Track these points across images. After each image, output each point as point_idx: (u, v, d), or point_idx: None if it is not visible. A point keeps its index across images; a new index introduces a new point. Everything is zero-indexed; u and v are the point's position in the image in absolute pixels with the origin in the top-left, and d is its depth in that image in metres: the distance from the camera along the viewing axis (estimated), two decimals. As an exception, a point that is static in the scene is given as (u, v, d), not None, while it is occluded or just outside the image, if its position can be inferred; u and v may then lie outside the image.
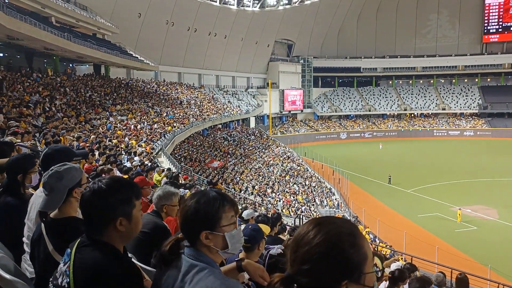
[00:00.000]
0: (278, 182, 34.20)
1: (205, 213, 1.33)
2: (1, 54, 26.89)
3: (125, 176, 6.81)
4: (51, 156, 2.54)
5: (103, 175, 7.37)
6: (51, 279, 1.50)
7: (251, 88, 63.19)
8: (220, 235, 1.35)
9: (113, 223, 1.43)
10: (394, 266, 5.09)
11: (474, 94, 69.22)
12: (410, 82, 74.90)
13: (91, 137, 14.53)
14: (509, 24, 70.06)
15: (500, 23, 70.78)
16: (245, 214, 5.65)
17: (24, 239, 2.28)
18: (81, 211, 1.48)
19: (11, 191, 2.67)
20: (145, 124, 23.96)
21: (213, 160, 33.37)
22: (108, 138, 16.02)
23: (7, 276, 1.76)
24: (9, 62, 24.10)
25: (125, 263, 1.44)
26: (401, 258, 15.64)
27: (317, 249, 0.97)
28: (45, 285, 1.62)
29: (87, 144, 12.16)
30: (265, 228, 3.60)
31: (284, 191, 32.13)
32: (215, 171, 31.05)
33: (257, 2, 56.30)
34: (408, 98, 71.19)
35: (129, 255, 1.64)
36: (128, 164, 11.16)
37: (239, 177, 32.21)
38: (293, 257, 1.00)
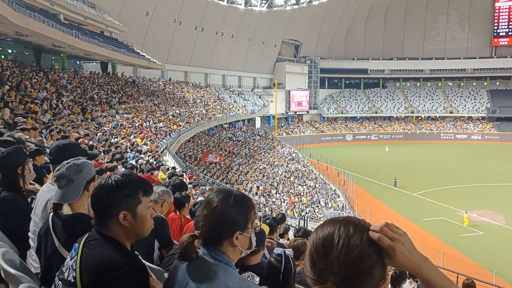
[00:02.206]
0: (283, 183, 34.15)
1: (241, 214, 1.36)
2: (10, 51, 27.15)
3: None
4: (61, 149, 2.55)
5: (108, 173, 7.39)
6: (57, 273, 1.50)
7: (257, 88, 63.21)
8: (247, 236, 1.38)
9: (116, 217, 1.43)
10: None
11: (482, 98, 68.63)
12: (418, 84, 74.44)
13: (98, 134, 14.61)
14: (519, 27, 69.52)
15: (510, 26, 70.10)
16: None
17: (30, 234, 2.27)
18: (91, 205, 1.50)
19: (9, 186, 2.63)
20: (150, 123, 24.05)
21: (208, 153, 31.03)
22: (114, 136, 16.09)
23: (12, 270, 1.76)
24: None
25: (132, 259, 1.43)
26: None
27: (368, 251, 0.93)
28: (51, 279, 1.62)
29: (88, 142, 12.20)
30: (265, 228, 3.61)
31: (288, 192, 32.08)
32: (220, 171, 31.04)
33: (265, 2, 56.29)
34: (416, 101, 70.76)
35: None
36: (133, 162, 11.20)
37: (244, 177, 32.20)
38: (341, 263, 0.90)
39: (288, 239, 6.78)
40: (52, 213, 1.99)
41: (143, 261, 1.60)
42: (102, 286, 1.34)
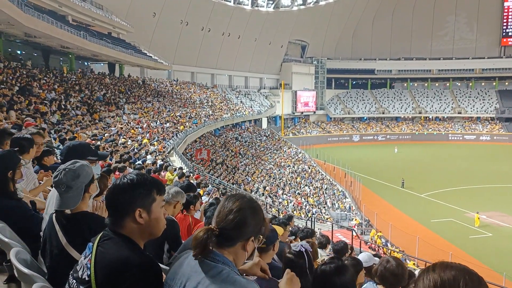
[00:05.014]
0: (289, 183, 34.09)
1: (259, 222, 1.41)
2: (19, 52, 27.45)
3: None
4: (72, 150, 2.56)
5: (117, 173, 7.44)
6: (71, 272, 1.51)
7: (264, 88, 63.21)
8: (253, 244, 1.43)
9: (132, 215, 1.45)
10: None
11: (491, 98, 67.88)
12: (426, 84, 73.85)
13: (106, 135, 14.72)
14: (528, 27, 68.62)
15: (519, 26, 69.32)
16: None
17: (42, 233, 2.29)
18: (106, 205, 1.51)
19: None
20: (157, 123, 24.16)
21: (201, 149, 31.42)
22: (121, 136, 16.19)
23: (25, 270, 1.78)
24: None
25: (146, 258, 1.43)
26: (413, 264, 15.45)
27: None
28: (58, 279, 1.62)
29: (94, 142, 12.29)
30: (279, 230, 3.59)
31: (295, 192, 32.01)
32: (226, 171, 31.09)
33: (271, 2, 56.27)
34: (423, 101, 70.21)
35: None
36: (140, 162, 11.26)
37: (250, 178, 32.20)
38: None
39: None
40: (54, 214, 2.00)
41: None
42: (117, 284, 1.34)
